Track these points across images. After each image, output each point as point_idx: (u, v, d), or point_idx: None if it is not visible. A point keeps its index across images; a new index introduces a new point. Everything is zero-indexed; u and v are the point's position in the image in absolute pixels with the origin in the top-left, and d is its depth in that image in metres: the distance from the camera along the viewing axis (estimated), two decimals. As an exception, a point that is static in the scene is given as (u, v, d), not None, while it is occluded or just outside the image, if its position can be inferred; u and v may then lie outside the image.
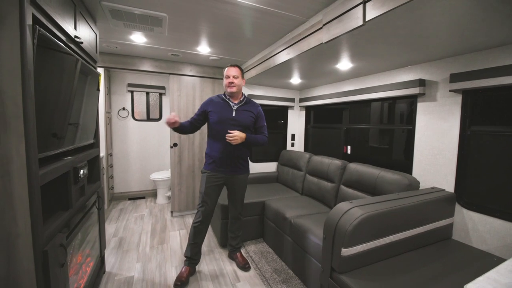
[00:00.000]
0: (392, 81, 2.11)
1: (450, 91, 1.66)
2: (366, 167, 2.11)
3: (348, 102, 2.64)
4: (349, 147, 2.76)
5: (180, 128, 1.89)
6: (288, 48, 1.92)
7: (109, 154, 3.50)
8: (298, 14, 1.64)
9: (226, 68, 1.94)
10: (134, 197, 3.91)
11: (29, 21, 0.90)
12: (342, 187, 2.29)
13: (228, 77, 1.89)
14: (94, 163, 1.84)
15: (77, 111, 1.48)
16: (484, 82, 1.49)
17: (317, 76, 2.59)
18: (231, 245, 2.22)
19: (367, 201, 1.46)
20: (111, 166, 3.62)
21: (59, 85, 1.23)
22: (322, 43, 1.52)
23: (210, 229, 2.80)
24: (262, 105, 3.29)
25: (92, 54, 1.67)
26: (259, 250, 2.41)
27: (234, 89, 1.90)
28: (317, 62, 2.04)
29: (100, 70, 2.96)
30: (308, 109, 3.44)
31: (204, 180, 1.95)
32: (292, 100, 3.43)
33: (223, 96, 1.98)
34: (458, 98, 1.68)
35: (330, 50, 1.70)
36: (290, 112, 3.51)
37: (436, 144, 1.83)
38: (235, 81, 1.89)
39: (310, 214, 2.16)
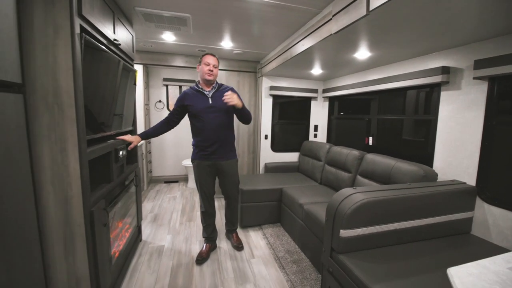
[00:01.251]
0: (414, 69, 2.02)
1: (474, 78, 1.56)
2: (382, 158, 2.08)
3: (370, 92, 2.58)
4: (370, 138, 2.71)
5: (148, 136, 2.02)
6: (303, 40, 1.97)
7: (148, 142, 3.94)
8: (310, 6, 1.69)
9: (205, 55, 1.93)
10: (169, 181, 4.35)
11: (77, 30, 1.15)
12: (359, 177, 2.29)
13: (208, 64, 1.90)
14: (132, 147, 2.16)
15: (120, 103, 1.78)
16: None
17: (337, 66, 2.57)
18: (228, 226, 2.36)
19: (371, 188, 1.50)
20: (150, 152, 4.08)
21: (105, 81, 1.52)
22: (331, 34, 1.55)
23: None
24: (284, 97, 3.41)
25: (129, 54, 1.95)
26: (275, 233, 2.56)
27: (211, 77, 1.92)
28: (334, 52, 2.05)
29: (139, 67, 3.35)
30: (331, 100, 3.41)
31: (196, 169, 2.06)
32: (315, 91, 3.43)
33: (195, 87, 1.98)
34: (484, 86, 1.57)
35: (344, 39, 1.70)
36: (313, 103, 3.52)
37: (459, 135, 1.73)
38: (214, 70, 1.92)
39: (323, 201, 2.23)
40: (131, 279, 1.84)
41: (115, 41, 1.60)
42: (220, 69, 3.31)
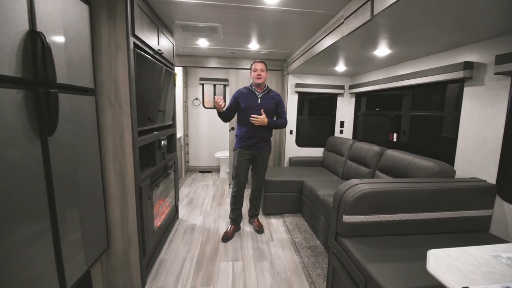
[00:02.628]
0: (438, 65, 1.99)
1: (496, 73, 1.53)
2: (401, 154, 2.11)
3: (402, 88, 2.50)
4: (395, 135, 2.69)
5: (222, 113, 2.28)
6: (322, 40, 2.09)
7: (186, 135, 4.42)
8: (327, 10, 1.81)
9: (254, 63, 2.31)
10: (203, 171, 4.81)
11: (131, 46, 1.49)
12: (377, 172, 2.34)
13: (256, 70, 2.28)
14: (171, 138, 2.55)
15: (163, 101, 2.16)
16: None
17: (361, 63, 2.61)
18: (251, 211, 2.64)
19: (378, 181, 1.59)
20: (187, 144, 4.57)
21: (152, 84, 1.88)
22: (343, 36, 1.67)
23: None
24: (310, 93, 3.52)
25: (170, 60, 2.32)
26: (295, 222, 2.75)
27: (260, 81, 2.28)
28: (353, 50, 2.12)
29: (179, 69, 3.78)
30: (358, 96, 3.41)
31: (236, 156, 2.39)
32: (342, 87, 3.47)
33: (249, 87, 2.36)
34: (507, 82, 1.53)
35: (361, 39, 1.78)
36: (339, 99, 3.56)
37: (480, 132, 1.70)
38: (262, 74, 2.28)
39: (340, 194, 2.34)
40: (169, 247, 2.23)
41: (159, 51, 1.95)
42: (248, 69, 3.57)
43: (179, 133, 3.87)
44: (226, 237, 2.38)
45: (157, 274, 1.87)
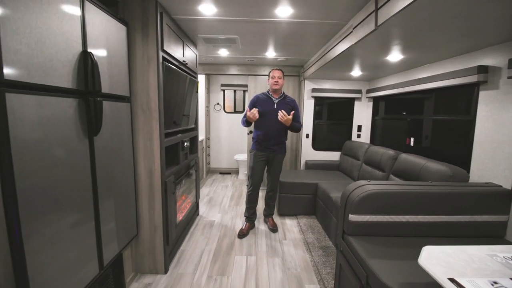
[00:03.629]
0: (455, 69, 1.99)
1: (509, 77, 1.52)
2: (415, 158, 2.12)
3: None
4: (412, 139, 2.67)
5: (249, 121, 2.44)
6: (334, 47, 2.19)
7: (207, 138, 4.68)
8: (338, 20, 1.91)
9: (272, 70, 2.45)
10: (223, 172, 5.03)
11: (160, 60, 1.73)
12: (392, 176, 2.35)
13: (273, 77, 2.43)
14: (194, 140, 2.79)
15: (187, 106, 2.40)
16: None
17: (376, 68, 2.64)
18: (266, 211, 2.76)
19: (386, 182, 1.65)
20: (209, 147, 4.83)
21: (177, 91, 2.12)
22: (352, 44, 1.77)
23: (273, 201, 3.42)
24: (327, 98, 3.59)
25: (194, 69, 2.56)
26: (309, 223, 2.82)
27: (277, 87, 2.42)
28: (365, 56, 2.19)
29: (202, 76, 4.06)
30: (376, 100, 3.40)
31: (252, 157, 2.54)
32: (359, 91, 3.49)
33: (266, 93, 2.51)
34: (521, 85, 1.51)
35: (370, 46, 1.87)
36: (356, 103, 3.58)
37: (496, 136, 1.68)
38: (279, 81, 2.42)
39: (353, 196, 2.38)
40: (189, 239, 2.44)
41: (183, 62, 2.19)
42: (266, 75, 3.74)
43: (201, 136, 4.13)
44: (242, 234, 2.52)
45: (178, 262, 2.08)
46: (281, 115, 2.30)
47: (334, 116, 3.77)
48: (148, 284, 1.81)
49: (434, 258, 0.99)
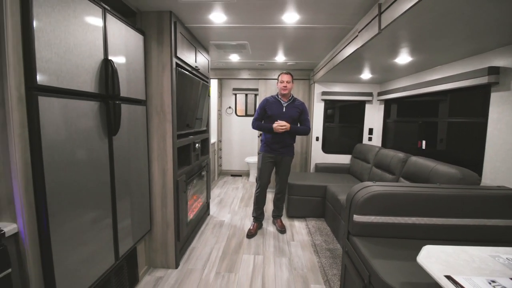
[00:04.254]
0: (461, 71, 1.96)
1: (520, 79, 1.50)
2: (425, 160, 2.09)
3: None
4: (424, 142, 2.62)
5: (266, 127, 2.52)
6: (342, 51, 2.22)
7: (219, 140, 4.80)
8: (344, 24, 1.94)
9: (281, 75, 2.49)
10: (234, 174, 5.12)
11: (174, 66, 1.84)
12: (401, 179, 2.33)
13: (282, 81, 2.47)
14: (205, 142, 2.89)
15: (200, 110, 2.51)
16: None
17: (385, 70, 2.64)
18: (275, 213, 2.80)
19: (390, 184, 1.65)
20: (220, 149, 4.94)
21: (190, 95, 2.23)
22: (357, 48, 1.80)
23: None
24: (337, 101, 3.59)
25: (206, 74, 2.67)
26: (318, 225, 2.83)
27: (286, 91, 2.47)
28: (373, 59, 2.20)
29: (215, 81, 4.20)
30: (387, 103, 3.37)
31: (260, 159, 2.61)
32: (370, 94, 3.47)
33: (275, 96, 2.57)
34: (533, 86, 1.48)
35: (376, 48, 1.89)
36: (367, 106, 3.55)
37: (509, 138, 1.64)
38: (288, 85, 2.46)
39: (361, 199, 2.37)
40: (200, 237, 2.52)
41: (196, 68, 2.31)
42: (276, 79, 3.80)
43: (213, 139, 4.25)
44: (250, 234, 2.58)
45: (188, 258, 2.16)
46: (279, 126, 2.38)
47: (344, 119, 3.77)
48: (160, 278, 1.90)
49: (433, 257, 1.00)
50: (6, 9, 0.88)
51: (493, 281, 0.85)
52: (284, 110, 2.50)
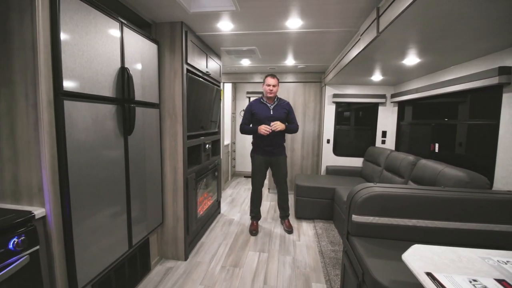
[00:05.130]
0: (474, 71, 1.90)
1: (530, 79, 1.44)
2: (433, 163, 2.04)
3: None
4: (437, 145, 2.54)
5: (251, 130, 2.59)
6: (348, 53, 2.25)
7: (233, 142, 4.94)
8: (349, 27, 1.97)
9: (267, 77, 2.52)
10: (247, 176, 5.22)
11: (185, 71, 2.00)
12: (410, 182, 2.28)
13: (269, 85, 2.51)
14: (216, 143, 3.03)
15: (215, 113, 2.69)
16: None
17: (395, 72, 2.60)
18: (281, 214, 2.84)
19: (391, 185, 1.65)
20: (234, 151, 5.08)
21: (203, 99, 2.38)
22: (360, 51, 1.83)
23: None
24: (349, 103, 3.57)
25: (217, 78, 2.82)
26: (325, 227, 2.83)
27: (272, 95, 2.53)
28: (380, 60, 2.20)
29: (229, 85, 4.35)
30: (401, 105, 3.29)
31: (254, 162, 2.66)
32: (383, 96, 3.41)
33: (261, 100, 2.62)
34: (545, 87, 1.42)
35: (381, 50, 1.90)
36: (380, 108, 3.49)
37: (521, 141, 1.57)
38: (274, 89, 2.52)
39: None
40: (209, 233, 2.65)
41: (207, 73, 2.46)
42: (288, 82, 3.87)
43: (227, 141, 4.39)
44: (254, 230, 2.67)
45: (197, 252, 2.29)
46: (268, 129, 2.41)
47: (356, 121, 3.73)
48: (170, 268, 2.04)
49: (418, 255, 1.01)
50: (38, 27, 1.06)
51: (475, 280, 0.86)
52: (271, 112, 2.55)
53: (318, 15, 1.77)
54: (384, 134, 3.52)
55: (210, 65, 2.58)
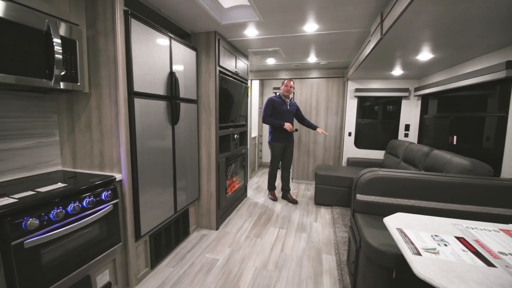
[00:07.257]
0: (486, 65, 1.97)
1: (532, 72, 1.53)
2: (444, 153, 2.16)
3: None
4: (455, 138, 2.59)
5: (277, 123, 3.22)
6: (363, 50, 2.43)
7: (260, 135, 5.30)
8: (362, 28, 2.18)
9: (286, 81, 3.24)
10: (273, 167, 5.56)
11: (217, 72, 2.40)
12: (423, 171, 2.40)
13: (291, 86, 3.26)
14: (243, 134, 3.42)
15: (244, 109, 3.10)
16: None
17: (415, 66, 2.69)
18: (284, 189, 3.49)
19: (394, 170, 1.86)
20: (261, 143, 5.45)
21: (233, 96, 2.78)
22: (371, 50, 2.03)
23: (311, 188, 3.74)
24: (371, 97, 3.69)
25: (245, 77, 3.19)
26: (342, 213, 3.06)
27: (289, 94, 3.24)
28: (394, 56, 2.35)
29: (257, 82, 4.71)
30: (424, 99, 3.31)
31: (274, 148, 3.34)
32: (406, 90, 3.45)
33: (279, 97, 3.29)
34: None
35: (394, 47, 2.07)
36: (403, 102, 3.54)
37: (525, 131, 1.66)
38: (291, 89, 3.26)
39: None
40: (237, 212, 3.07)
41: (235, 72, 2.84)
42: (312, 78, 4.08)
43: (254, 133, 4.77)
44: (274, 197, 3.52)
45: (226, 224, 2.72)
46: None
47: (379, 115, 3.81)
48: (204, 235, 2.50)
49: (397, 219, 1.26)
50: (118, 46, 1.52)
51: (436, 236, 1.09)
52: (288, 107, 3.27)
53: (330, 20, 2.01)
54: (407, 127, 3.57)
55: (238, 65, 2.96)
